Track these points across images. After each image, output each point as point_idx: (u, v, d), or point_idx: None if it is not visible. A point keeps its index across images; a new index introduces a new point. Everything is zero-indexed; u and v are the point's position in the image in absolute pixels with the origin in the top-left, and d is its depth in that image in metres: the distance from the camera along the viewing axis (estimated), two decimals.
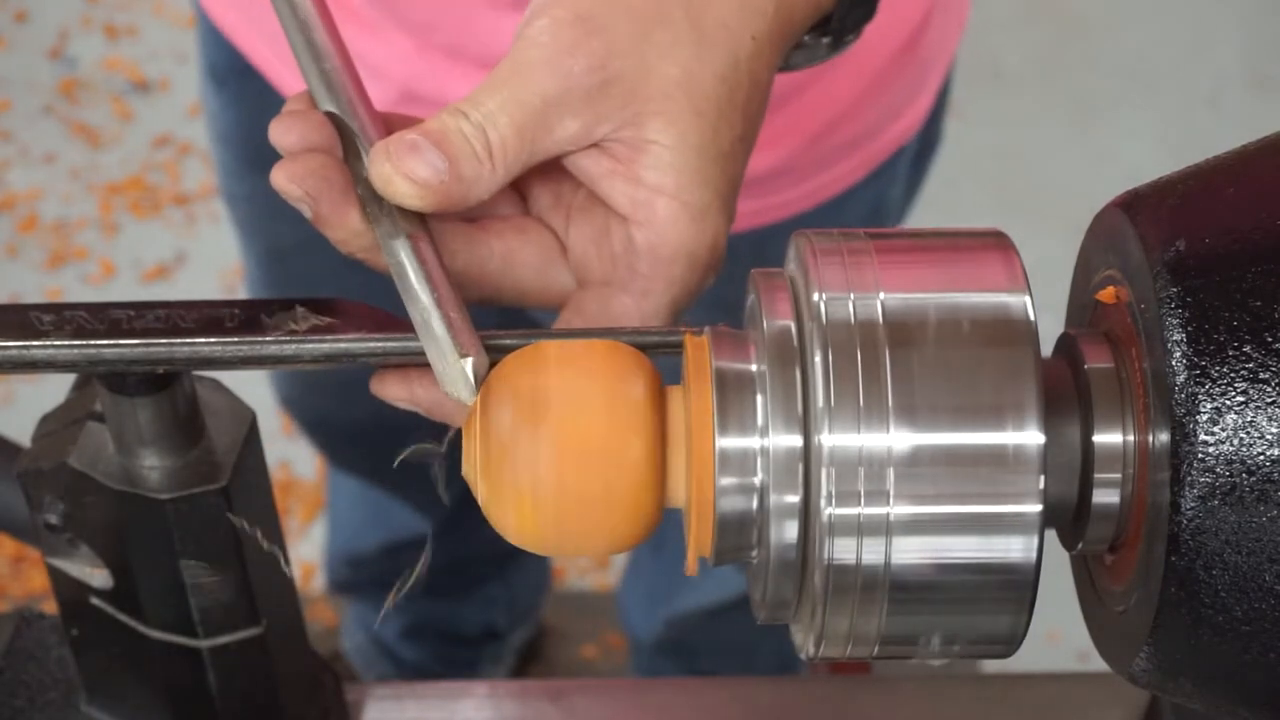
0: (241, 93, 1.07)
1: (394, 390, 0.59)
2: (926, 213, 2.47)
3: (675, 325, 0.59)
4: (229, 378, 0.63)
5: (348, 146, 0.59)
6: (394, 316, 0.58)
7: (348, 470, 1.52)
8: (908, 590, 0.51)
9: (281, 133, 0.59)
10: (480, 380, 0.55)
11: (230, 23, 1.03)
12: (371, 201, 0.58)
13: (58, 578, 0.68)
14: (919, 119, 1.05)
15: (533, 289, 0.63)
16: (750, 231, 0.98)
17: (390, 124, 0.61)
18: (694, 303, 0.62)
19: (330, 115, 0.60)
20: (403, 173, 0.57)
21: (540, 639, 1.83)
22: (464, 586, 1.60)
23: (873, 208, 1.05)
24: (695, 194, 0.60)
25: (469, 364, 0.55)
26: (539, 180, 0.63)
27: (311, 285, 1.08)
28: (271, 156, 0.59)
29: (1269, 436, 0.47)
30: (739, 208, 0.62)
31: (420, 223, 0.59)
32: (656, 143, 0.60)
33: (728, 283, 0.62)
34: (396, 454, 0.60)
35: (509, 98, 0.58)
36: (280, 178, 0.58)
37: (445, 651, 1.65)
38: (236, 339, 0.57)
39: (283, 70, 1.01)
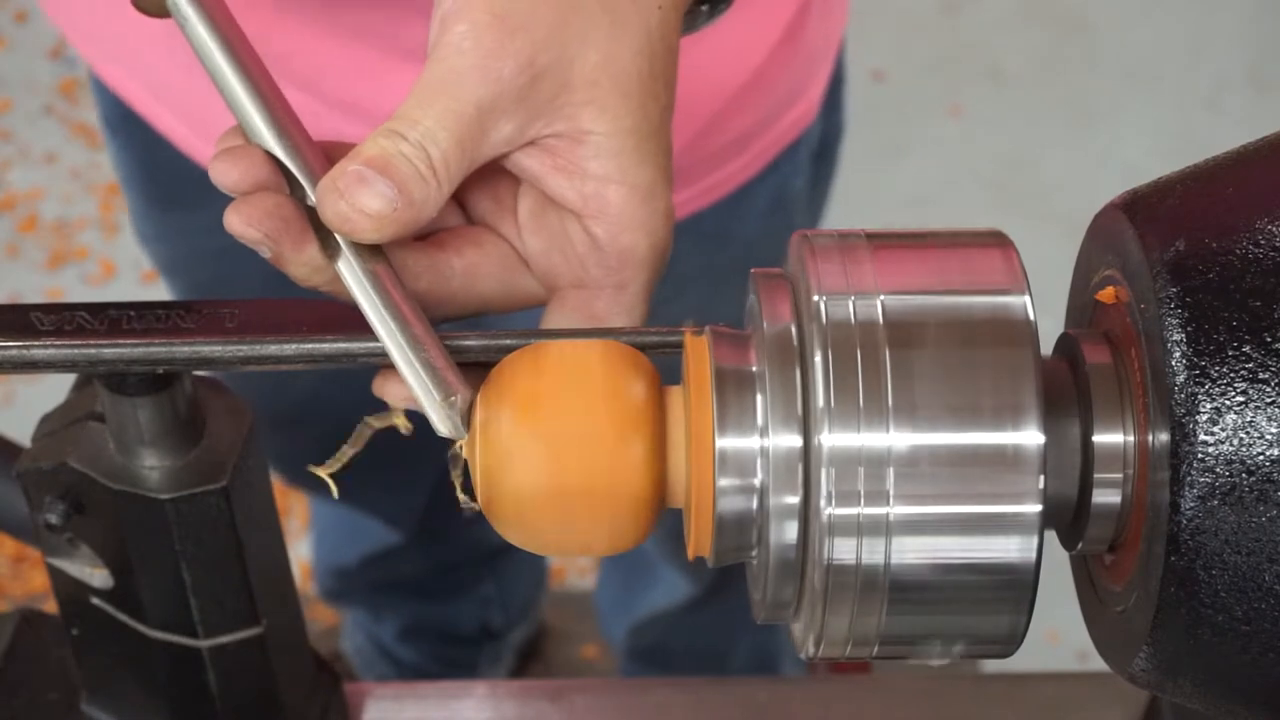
0: (132, 140, 1.07)
1: (395, 391, 0.59)
2: (927, 213, 2.48)
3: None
4: (229, 378, 0.63)
5: (289, 180, 0.58)
6: None
7: (310, 492, 1.53)
8: (907, 590, 0.51)
9: (223, 173, 0.58)
10: (466, 416, 0.55)
11: (114, 76, 1.03)
12: (323, 234, 0.57)
13: (58, 578, 0.68)
14: (812, 109, 1.05)
15: (497, 299, 0.63)
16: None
17: (328, 152, 0.60)
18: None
19: (267, 152, 0.58)
20: (357, 208, 0.56)
21: (540, 639, 1.83)
22: (456, 587, 1.60)
23: (774, 201, 1.05)
24: (640, 174, 0.60)
25: (455, 403, 0.55)
26: (475, 186, 0.63)
27: None
28: (174, 194, 0.59)
29: (1269, 436, 0.47)
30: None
31: (378, 253, 0.58)
32: (593, 132, 0.59)
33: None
34: (357, 474, 0.60)
35: (444, 110, 0.57)
36: (236, 222, 0.57)
37: (443, 652, 1.65)
38: (236, 339, 0.57)
39: (170, 119, 1.00)
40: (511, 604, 1.67)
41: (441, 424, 0.55)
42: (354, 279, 0.57)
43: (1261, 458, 0.47)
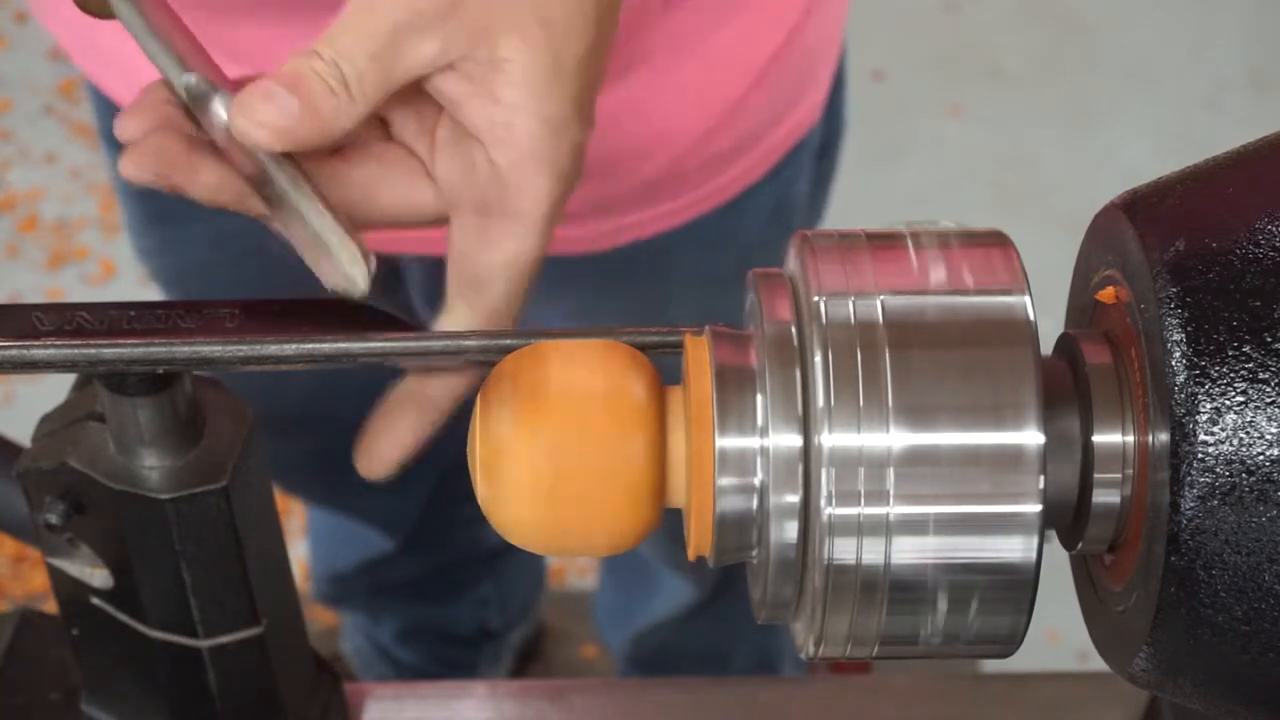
0: None
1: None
2: (926, 213, 2.46)
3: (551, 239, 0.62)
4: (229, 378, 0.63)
5: (205, 112, 0.61)
6: (393, 317, 0.58)
7: (305, 500, 1.53)
8: (908, 590, 0.51)
9: (123, 128, 0.61)
10: (370, 264, 0.58)
11: (110, 85, 1.03)
12: (243, 152, 0.60)
13: (58, 578, 0.68)
14: (814, 111, 1.05)
15: (396, 211, 0.64)
16: (650, 239, 0.98)
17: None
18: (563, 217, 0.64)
19: (187, 88, 0.61)
20: (255, 120, 0.59)
21: (540, 639, 1.83)
22: (453, 589, 1.60)
23: (776, 205, 1.05)
24: (552, 107, 0.61)
25: (359, 255, 0.58)
26: (400, 105, 0.64)
27: None
28: (171, 207, 0.61)
29: (1269, 436, 0.47)
30: (634, 216, 0.63)
31: (290, 161, 0.61)
32: (510, 60, 0.61)
33: (633, 294, 0.62)
34: (349, 482, 0.61)
35: (362, 30, 0.60)
36: (129, 168, 0.60)
37: (442, 653, 1.65)
38: (236, 339, 0.57)
39: None
40: (510, 605, 1.67)
41: (344, 273, 0.58)
42: (270, 168, 0.60)
43: (1261, 458, 0.47)
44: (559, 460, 0.52)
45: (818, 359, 0.50)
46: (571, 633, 1.85)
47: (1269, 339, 0.48)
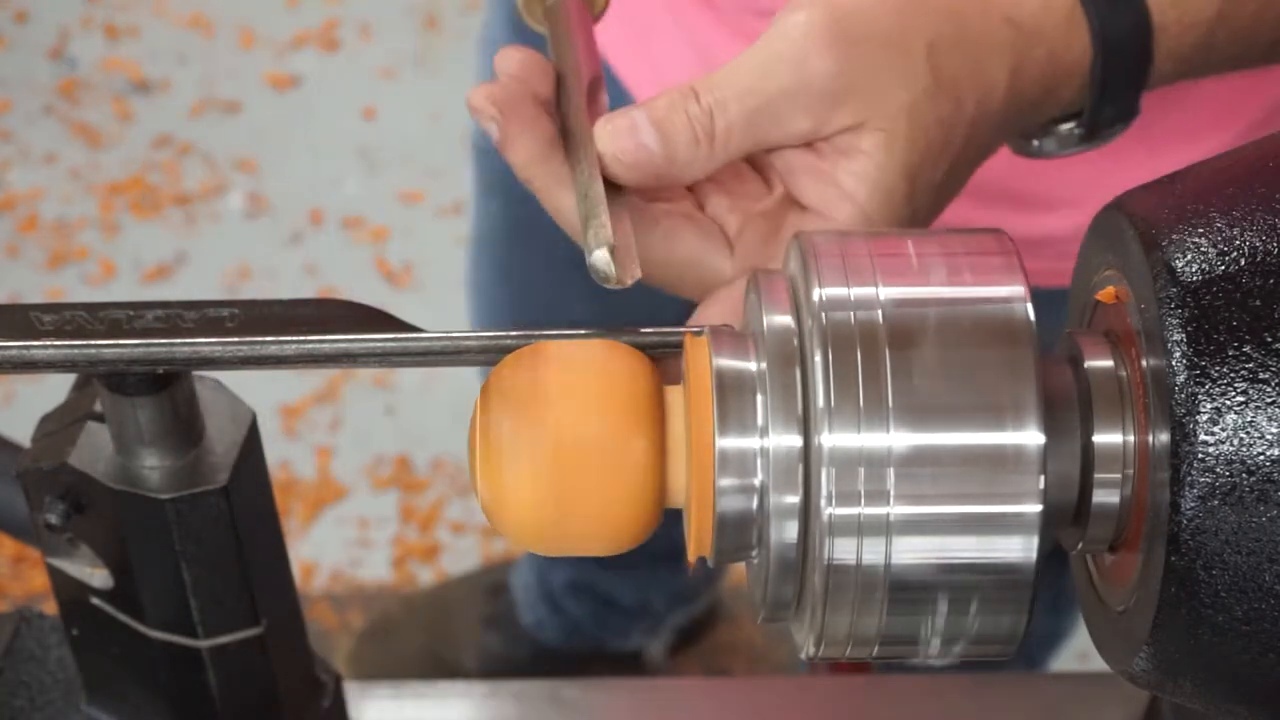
0: None
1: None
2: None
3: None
4: (229, 378, 0.63)
5: (571, 106, 0.62)
6: (393, 317, 0.58)
7: None
8: (908, 590, 0.51)
9: (504, 57, 0.62)
10: (614, 251, 0.57)
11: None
12: (585, 161, 0.61)
13: (58, 578, 0.68)
14: None
15: (688, 273, 0.64)
16: (1049, 290, 0.97)
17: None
18: None
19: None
20: (614, 149, 0.60)
21: (711, 621, 1.82)
22: (623, 558, 1.60)
23: None
24: (879, 213, 0.62)
25: (605, 238, 0.57)
26: (720, 184, 0.64)
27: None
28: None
29: (1269, 436, 0.47)
30: (1042, 266, 0.63)
31: (624, 191, 0.61)
32: (867, 154, 0.61)
33: None
34: None
35: (747, 87, 0.60)
36: (476, 95, 0.61)
37: (602, 615, 1.64)
38: (236, 339, 0.57)
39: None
40: (676, 591, 1.66)
41: (595, 244, 0.57)
42: (593, 192, 0.60)
43: (1262, 458, 0.47)
44: (559, 461, 0.52)
45: (818, 359, 0.50)
46: (744, 616, 1.84)
47: (1269, 339, 0.48)
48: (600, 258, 0.56)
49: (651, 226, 0.63)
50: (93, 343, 0.57)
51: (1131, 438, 0.52)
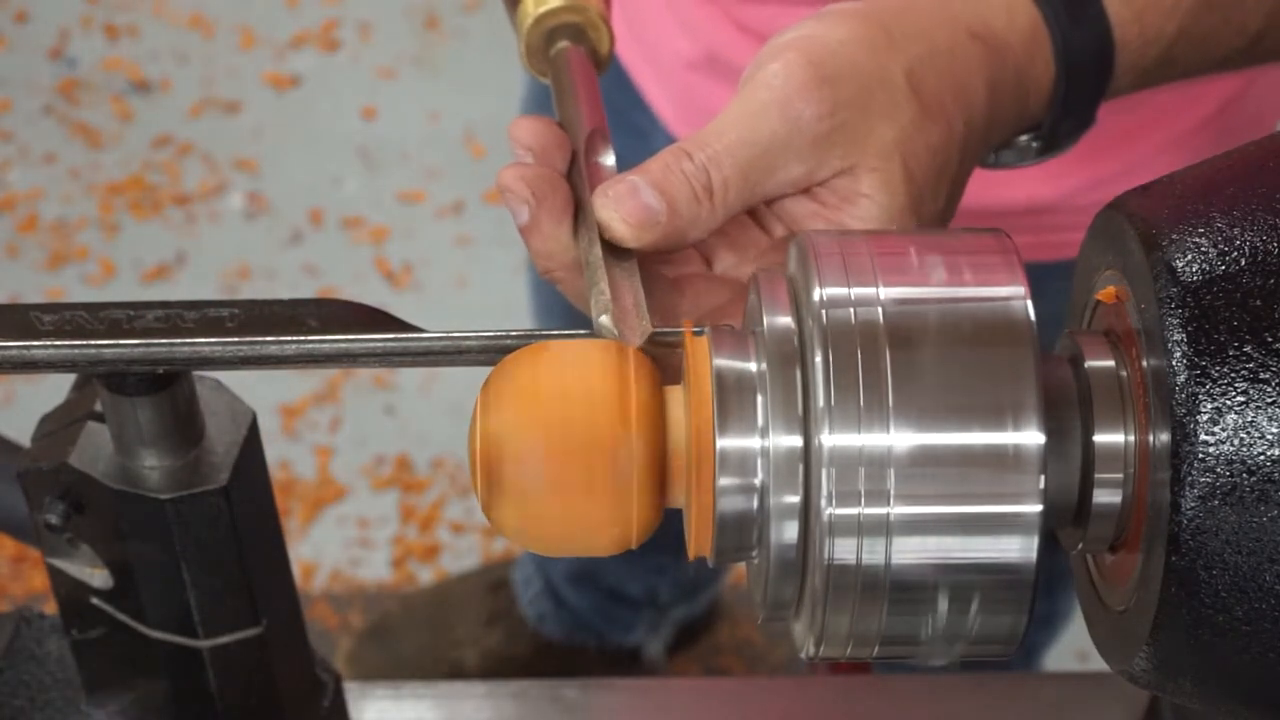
0: None
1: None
2: None
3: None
4: (229, 378, 0.63)
5: (573, 168, 0.62)
6: (393, 317, 0.58)
7: None
8: (908, 590, 0.51)
9: (520, 128, 0.62)
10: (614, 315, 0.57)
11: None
12: (584, 227, 0.60)
13: (58, 578, 0.68)
14: None
15: (694, 313, 0.63)
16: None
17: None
18: None
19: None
20: (620, 214, 0.59)
21: (712, 620, 1.82)
22: (632, 551, 1.59)
23: None
24: None
25: (607, 312, 0.56)
26: (725, 239, 0.64)
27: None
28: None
29: (1269, 436, 0.47)
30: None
31: (628, 255, 0.60)
32: (868, 197, 0.61)
33: None
34: None
35: (738, 139, 0.60)
36: (509, 175, 0.60)
37: (606, 607, 1.64)
38: (236, 339, 0.57)
39: None
40: (683, 581, 1.66)
41: (596, 312, 0.57)
42: (592, 258, 0.59)
43: (1262, 458, 0.47)
44: (558, 460, 0.52)
45: (818, 359, 0.50)
46: (744, 617, 1.84)
47: (1269, 339, 0.48)
48: (603, 324, 0.56)
49: (674, 289, 0.63)
50: (93, 343, 0.57)
51: (1132, 438, 0.52)
